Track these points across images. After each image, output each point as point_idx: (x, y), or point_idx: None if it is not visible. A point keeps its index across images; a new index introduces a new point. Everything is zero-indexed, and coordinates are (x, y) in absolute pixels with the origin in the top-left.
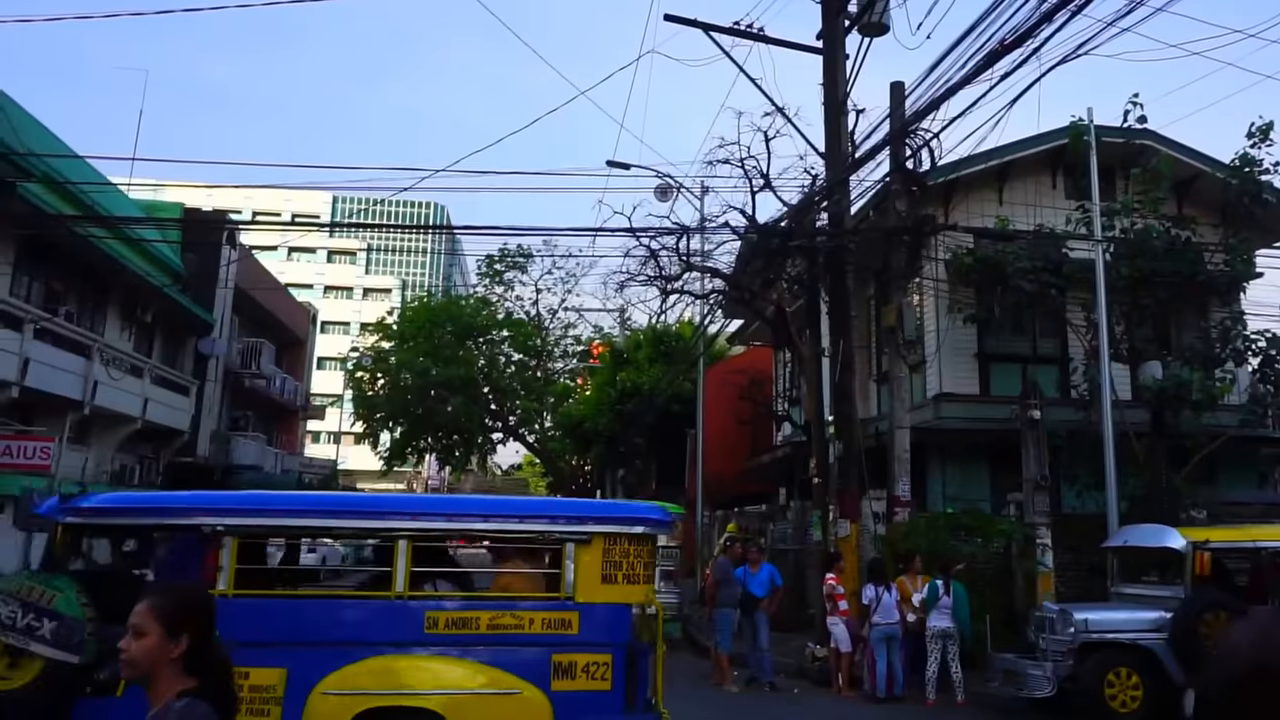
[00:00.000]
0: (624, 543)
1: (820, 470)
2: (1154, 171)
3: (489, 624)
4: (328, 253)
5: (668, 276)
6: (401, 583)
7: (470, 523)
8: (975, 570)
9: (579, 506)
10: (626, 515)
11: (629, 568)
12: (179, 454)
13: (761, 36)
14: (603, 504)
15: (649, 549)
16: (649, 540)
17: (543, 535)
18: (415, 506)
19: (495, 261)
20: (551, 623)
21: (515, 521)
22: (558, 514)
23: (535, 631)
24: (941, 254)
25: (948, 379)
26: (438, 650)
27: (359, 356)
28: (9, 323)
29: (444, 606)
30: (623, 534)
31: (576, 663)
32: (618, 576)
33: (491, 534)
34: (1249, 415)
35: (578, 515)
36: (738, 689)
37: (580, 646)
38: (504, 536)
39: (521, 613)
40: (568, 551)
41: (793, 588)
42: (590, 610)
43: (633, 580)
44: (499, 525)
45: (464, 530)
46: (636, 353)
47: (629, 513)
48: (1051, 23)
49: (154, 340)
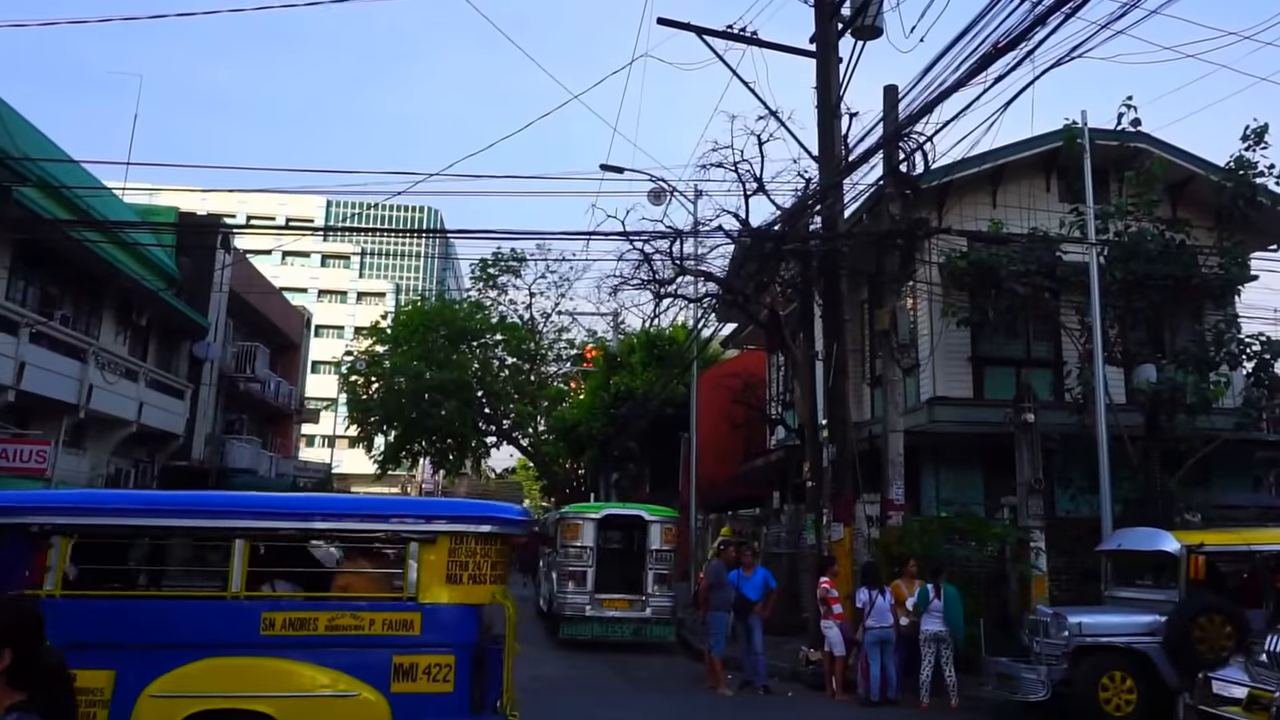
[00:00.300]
0: (470, 542)
1: (814, 474)
2: (1148, 174)
3: (328, 625)
4: (322, 257)
5: (661, 280)
6: (238, 583)
7: (310, 522)
8: (969, 574)
9: (424, 505)
10: (472, 514)
11: (475, 568)
12: (174, 457)
13: (755, 40)
14: (450, 503)
15: (497, 549)
16: (497, 540)
17: (385, 535)
18: (254, 506)
19: (489, 265)
20: (393, 623)
21: (356, 521)
22: (401, 513)
23: (376, 633)
24: (935, 257)
25: (941, 382)
26: (274, 652)
27: (353, 360)
28: (5, 327)
29: (281, 607)
30: (469, 533)
31: (418, 664)
32: (463, 577)
33: (332, 533)
34: (1243, 418)
35: (422, 514)
36: (732, 692)
37: (422, 648)
38: (345, 536)
39: (362, 613)
40: (411, 551)
41: (786, 591)
42: (433, 611)
43: (479, 580)
44: (339, 525)
45: (303, 530)
46: (630, 356)
47: (475, 511)
48: (1045, 26)
49: (149, 344)
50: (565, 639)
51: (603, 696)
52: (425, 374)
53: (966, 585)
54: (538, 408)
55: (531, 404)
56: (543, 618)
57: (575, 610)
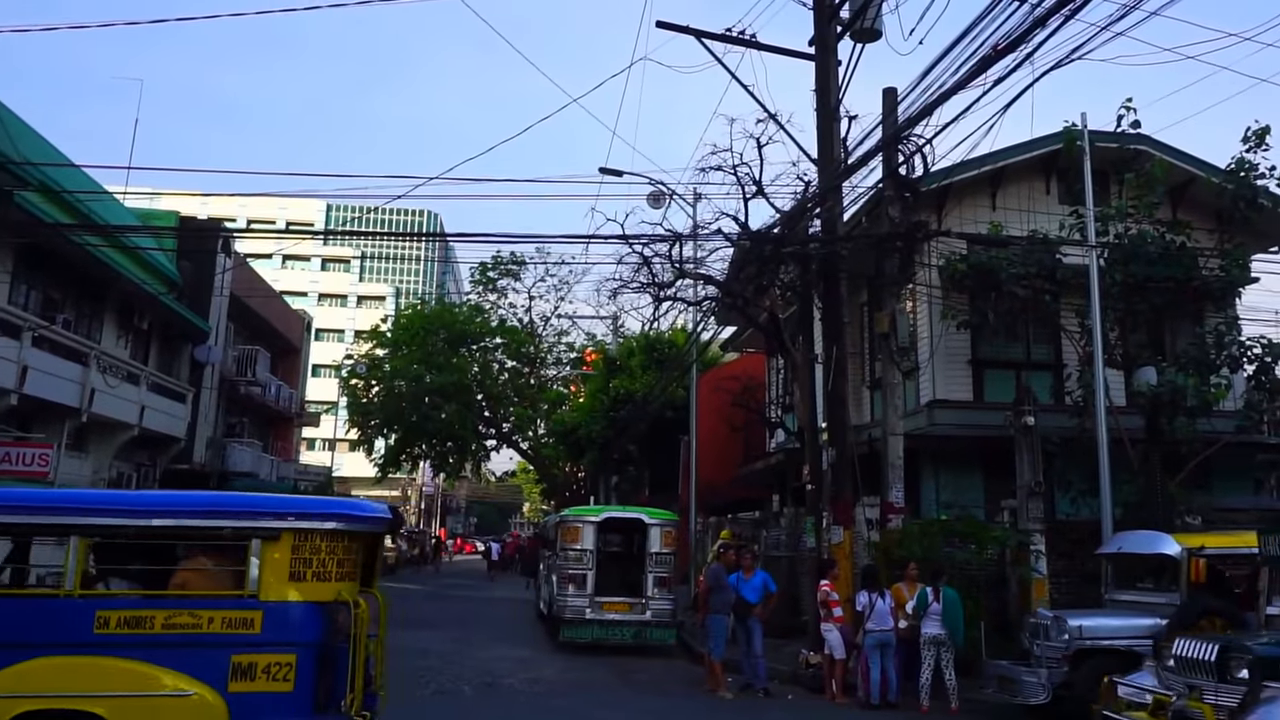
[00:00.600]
0: (315, 539)
1: (814, 477)
2: (1148, 176)
3: (164, 623)
4: (322, 260)
5: (661, 283)
6: (72, 580)
7: (149, 520)
8: (969, 577)
9: (268, 502)
10: (318, 511)
11: (319, 565)
12: (175, 461)
13: (754, 43)
14: (295, 500)
15: (344, 545)
16: (344, 537)
17: (226, 532)
18: (90, 503)
19: (489, 269)
20: (232, 622)
21: (197, 518)
22: (243, 510)
23: (215, 631)
24: (935, 260)
25: (941, 385)
26: (109, 651)
27: (353, 364)
28: (7, 330)
29: (116, 605)
30: (314, 530)
31: (257, 663)
32: (307, 574)
33: (172, 530)
34: (1244, 421)
35: (265, 511)
36: (731, 695)
37: (263, 646)
38: (186, 533)
39: (200, 612)
40: (253, 548)
41: (786, 594)
42: (274, 609)
43: (323, 578)
44: (179, 522)
45: (142, 527)
46: (630, 359)
47: (321, 509)
48: (1044, 27)
49: (150, 348)
50: (565, 642)
51: (602, 699)
52: (425, 377)
53: (966, 588)
54: (537, 411)
55: (531, 407)
56: (543, 620)
57: (575, 613)
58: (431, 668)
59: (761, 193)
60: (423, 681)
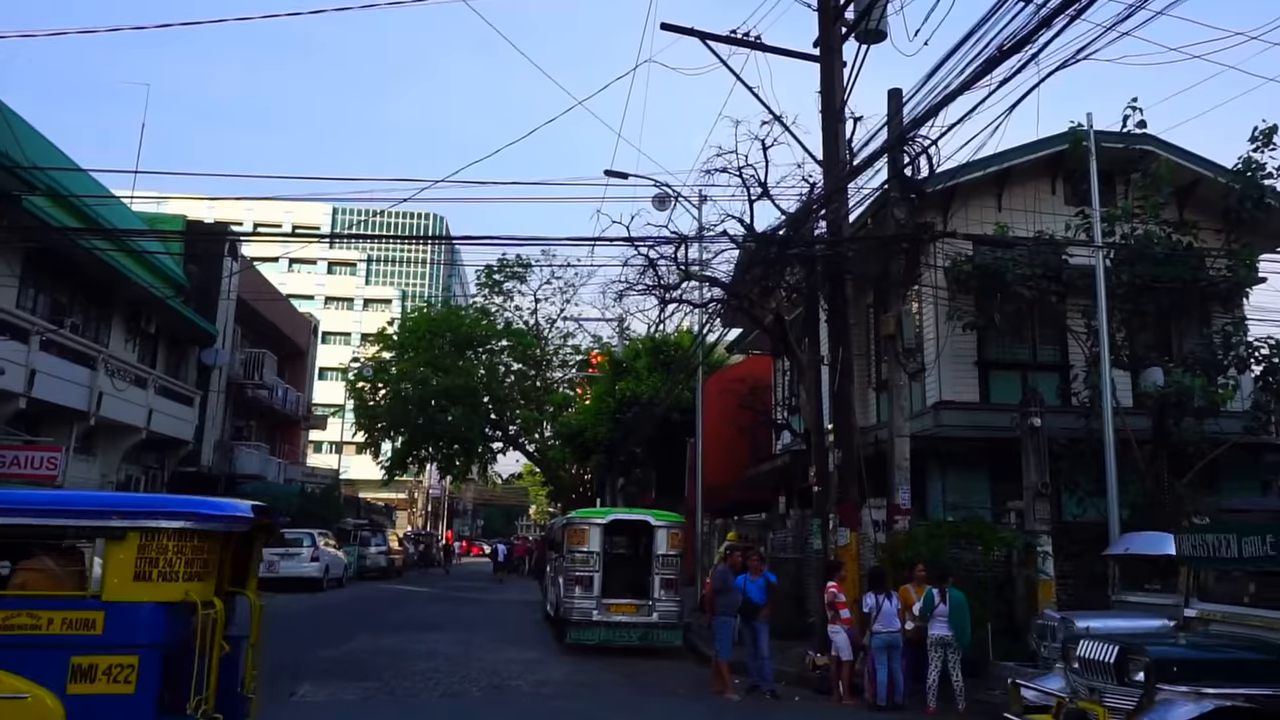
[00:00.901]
0: (162, 539)
1: (820, 478)
2: (1154, 177)
3: (1, 625)
4: (328, 264)
5: (666, 285)
6: None
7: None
8: (976, 579)
9: (113, 501)
10: (166, 510)
11: (166, 564)
12: (183, 464)
13: (759, 45)
14: (141, 498)
15: (194, 545)
16: (194, 536)
17: (70, 530)
18: None
19: (494, 271)
20: (73, 623)
21: (38, 517)
22: (87, 508)
23: (54, 632)
24: (940, 261)
25: (947, 387)
26: None
27: (360, 367)
28: (15, 334)
29: None
30: (160, 529)
31: (98, 665)
32: (153, 574)
33: (12, 529)
34: (1252, 422)
35: (109, 510)
36: (739, 697)
37: (104, 648)
38: (26, 531)
39: (40, 612)
40: (97, 547)
41: (792, 596)
42: (117, 609)
43: (170, 578)
44: (20, 520)
45: None
46: (635, 362)
47: (170, 507)
48: (1050, 28)
49: (157, 351)
50: (572, 644)
51: (609, 701)
52: (432, 380)
53: (973, 590)
54: (544, 413)
55: (537, 409)
56: (550, 623)
57: (582, 615)
58: (439, 670)
59: (767, 194)
60: (430, 684)
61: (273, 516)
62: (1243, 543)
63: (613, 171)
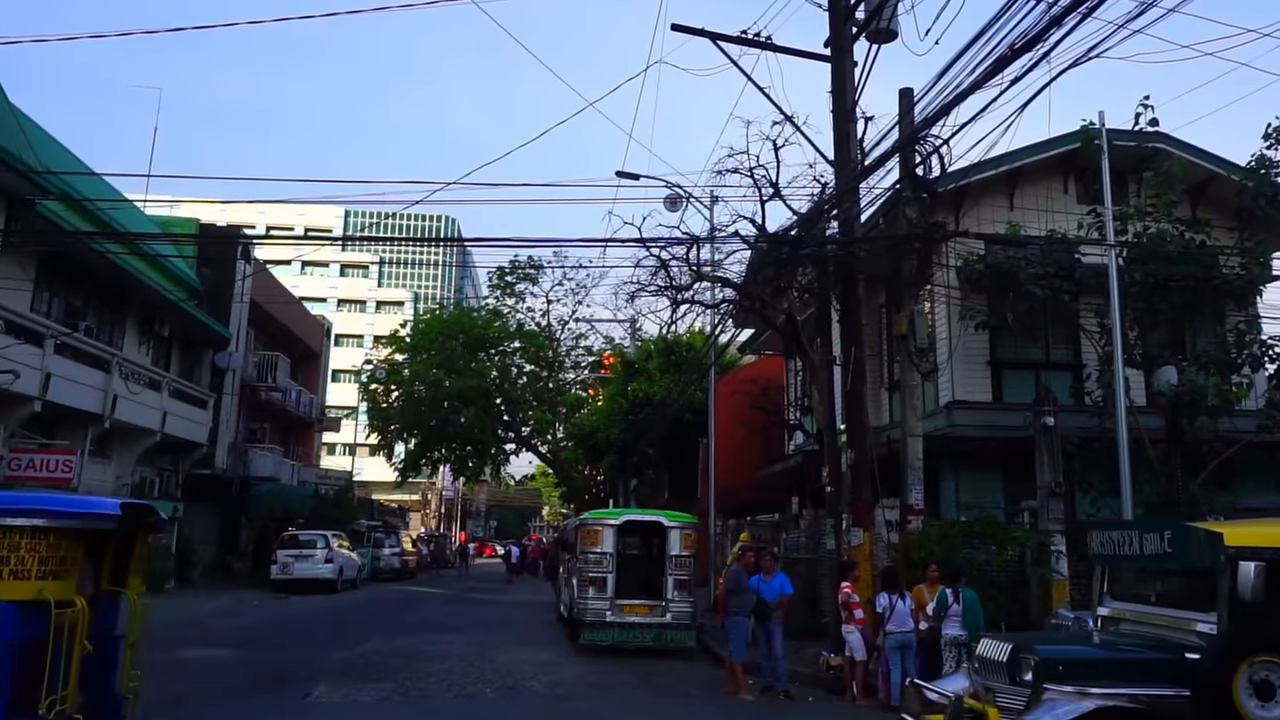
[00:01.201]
0: (14, 536)
1: (833, 479)
2: (1167, 175)
3: None
4: (340, 266)
5: (678, 286)
6: None
7: None
8: (989, 578)
9: None
10: (15, 507)
11: (18, 563)
12: (197, 466)
13: (769, 45)
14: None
15: (49, 543)
16: (49, 534)
17: None
18: None
19: (506, 273)
20: None
21: None
22: None
23: None
24: (952, 261)
25: (960, 386)
26: None
27: (373, 369)
28: (30, 338)
29: None
30: (12, 527)
31: None
32: (3, 572)
33: None
34: (1266, 420)
35: None
36: (752, 698)
37: None
38: None
39: None
40: None
41: (806, 596)
42: None
43: (22, 576)
44: None
45: None
46: (648, 363)
47: (22, 504)
48: (1061, 26)
49: (171, 354)
50: (586, 645)
51: (623, 702)
52: (444, 382)
53: (987, 590)
54: (556, 414)
55: (550, 411)
56: (563, 624)
57: (596, 616)
58: (453, 671)
59: (778, 195)
60: (444, 685)
61: (155, 514)
62: (1143, 540)
63: (624, 173)
